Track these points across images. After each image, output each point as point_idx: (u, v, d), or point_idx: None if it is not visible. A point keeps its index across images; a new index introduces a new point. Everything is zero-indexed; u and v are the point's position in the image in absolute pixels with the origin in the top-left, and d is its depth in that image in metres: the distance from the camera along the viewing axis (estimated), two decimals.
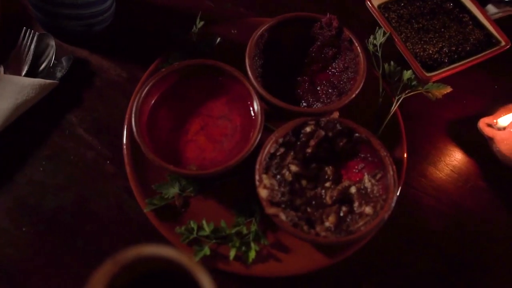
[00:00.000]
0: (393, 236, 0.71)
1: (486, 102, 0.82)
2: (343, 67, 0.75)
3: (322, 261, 0.65)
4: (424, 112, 0.82)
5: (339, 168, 0.70)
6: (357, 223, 0.63)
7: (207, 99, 0.73)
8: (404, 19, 0.85)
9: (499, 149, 0.75)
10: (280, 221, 0.61)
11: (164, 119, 0.70)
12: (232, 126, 0.71)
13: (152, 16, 0.86)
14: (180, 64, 0.70)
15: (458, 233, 0.72)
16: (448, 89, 0.76)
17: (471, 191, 0.75)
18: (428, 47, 0.82)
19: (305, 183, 0.67)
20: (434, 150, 0.78)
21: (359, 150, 0.69)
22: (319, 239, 0.61)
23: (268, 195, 0.62)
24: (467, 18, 0.86)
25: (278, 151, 0.66)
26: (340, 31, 0.75)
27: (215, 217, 0.67)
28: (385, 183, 0.65)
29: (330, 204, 0.65)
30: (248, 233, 0.66)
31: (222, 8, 0.88)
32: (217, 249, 0.65)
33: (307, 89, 0.75)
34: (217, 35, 0.79)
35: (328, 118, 0.68)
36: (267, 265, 0.65)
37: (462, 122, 0.80)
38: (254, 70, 0.70)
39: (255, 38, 0.73)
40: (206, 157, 0.69)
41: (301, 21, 0.76)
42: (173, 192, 0.68)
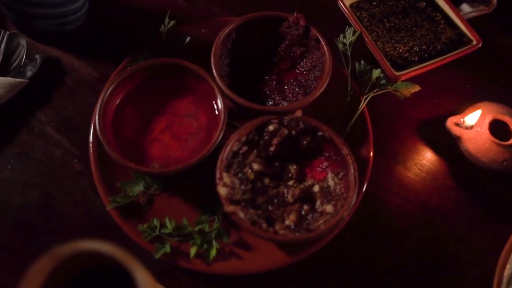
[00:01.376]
0: (358, 234, 0.71)
1: (457, 101, 0.82)
2: (311, 66, 0.75)
3: (284, 259, 0.65)
4: (394, 111, 0.82)
5: (304, 167, 0.70)
6: (317, 221, 0.63)
7: (174, 98, 0.73)
8: (375, 18, 0.85)
9: (466, 148, 0.74)
10: (239, 219, 0.61)
11: (130, 117, 0.71)
12: (197, 125, 0.71)
13: (125, 15, 0.87)
14: (146, 63, 0.71)
15: (424, 232, 0.72)
16: (416, 88, 0.76)
17: (438, 190, 0.75)
18: (398, 46, 0.82)
19: (268, 182, 0.67)
20: (403, 149, 0.78)
21: (324, 149, 0.69)
22: (277, 237, 0.61)
23: (228, 193, 0.63)
24: (439, 17, 0.86)
25: (241, 149, 0.67)
26: (307, 30, 0.75)
27: (180, 215, 0.68)
28: (347, 181, 0.65)
29: (291, 202, 0.66)
30: (211, 231, 0.66)
31: (195, 8, 0.88)
32: (179, 247, 0.66)
33: (274, 88, 0.75)
34: (186, 35, 0.79)
35: (291, 116, 0.68)
36: (228, 263, 0.65)
37: (432, 121, 0.80)
38: (219, 69, 0.71)
39: (221, 38, 0.73)
40: (170, 155, 0.69)
41: (269, 20, 0.76)
42: (137, 190, 0.69)
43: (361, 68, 0.78)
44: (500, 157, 0.72)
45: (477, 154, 0.73)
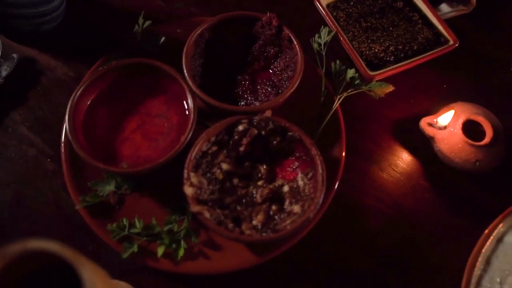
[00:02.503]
0: (330, 235, 0.71)
1: (433, 101, 0.82)
2: (284, 66, 0.75)
3: (252, 260, 0.65)
4: (370, 111, 0.81)
5: (274, 167, 0.70)
6: (284, 222, 0.63)
7: (146, 98, 0.73)
8: (352, 18, 0.85)
9: (439, 149, 0.74)
10: (205, 219, 0.61)
11: (102, 117, 0.71)
12: (168, 125, 0.72)
13: (103, 15, 0.87)
14: (118, 63, 0.71)
15: (397, 233, 0.72)
16: (390, 88, 0.76)
17: (412, 190, 0.75)
18: (374, 46, 0.81)
19: (237, 182, 0.67)
20: (377, 149, 0.78)
21: (294, 149, 0.69)
22: (243, 237, 0.61)
23: (195, 193, 0.63)
24: (416, 17, 0.85)
25: (210, 149, 0.67)
26: (280, 29, 0.75)
27: (150, 214, 0.68)
28: (316, 182, 0.65)
29: (260, 202, 0.65)
30: (179, 231, 0.66)
31: (173, 8, 0.89)
32: (148, 246, 0.66)
33: (247, 88, 0.75)
34: (162, 35, 0.79)
35: (261, 116, 0.68)
36: (196, 263, 0.65)
37: (408, 121, 0.80)
38: (190, 69, 0.71)
39: (193, 38, 0.73)
40: (141, 155, 0.69)
41: (242, 20, 0.76)
42: (108, 189, 0.69)
43: (337, 68, 0.78)
44: (473, 157, 0.72)
45: (450, 154, 0.73)
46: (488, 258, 0.66)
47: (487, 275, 0.65)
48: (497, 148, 0.73)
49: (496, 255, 0.67)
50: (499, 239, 0.68)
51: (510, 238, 0.68)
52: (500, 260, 0.66)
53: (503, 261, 0.66)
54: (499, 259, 0.66)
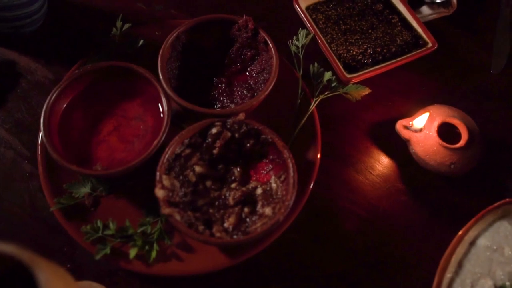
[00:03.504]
0: (304, 236, 0.71)
1: (412, 103, 0.82)
2: (260, 68, 0.76)
3: (225, 262, 0.66)
4: (348, 114, 0.81)
5: (249, 169, 0.70)
6: (255, 224, 0.63)
7: (123, 100, 0.74)
8: (331, 21, 0.85)
9: (415, 151, 0.74)
10: (175, 221, 0.61)
11: (78, 119, 0.72)
12: (144, 127, 0.72)
13: (84, 18, 0.88)
14: (93, 66, 0.72)
15: (371, 235, 0.72)
16: (367, 90, 0.76)
17: (388, 193, 0.75)
18: (352, 48, 0.81)
19: (210, 184, 0.68)
20: (354, 152, 0.78)
21: (268, 152, 0.69)
22: (212, 239, 0.61)
23: (166, 196, 0.63)
24: (396, 19, 0.85)
25: (184, 152, 0.67)
26: (256, 32, 0.75)
27: (125, 216, 0.68)
28: (288, 184, 0.65)
29: (232, 205, 0.66)
30: (153, 233, 0.67)
31: (154, 10, 0.89)
32: (122, 248, 0.66)
33: (223, 91, 0.75)
34: (140, 37, 0.80)
35: (234, 119, 0.68)
36: (168, 264, 0.66)
37: (385, 123, 0.80)
38: (166, 72, 0.71)
39: (170, 41, 0.73)
40: (116, 157, 0.70)
41: (219, 22, 0.76)
42: (84, 191, 0.69)
43: (315, 70, 0.78)
44: (448, 160, 0.72)
45: (425, 157, 0.73)
46: (460, 261, 0.66)
47: (459, 278, 0.65)
48: (472, 150, 0.73)
49: (468, 258, 0.67)
50: (471, 242, 0.68)
51: (482, 241, 0.68)
52: (472, 263, 0.66)
53: (475, 264, 0.66)
54: (471, 262, 0.66)
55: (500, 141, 0.80)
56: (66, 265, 0.67)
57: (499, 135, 0.80)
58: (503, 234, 0.68)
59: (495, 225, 0.69)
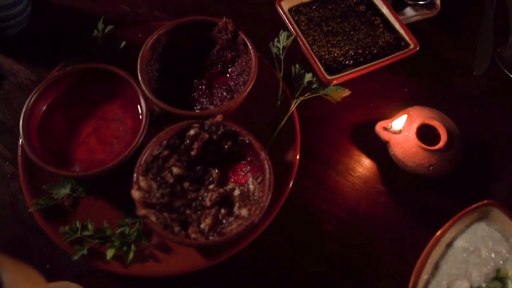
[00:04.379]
0: (283, 238, 0.71)
1: (393, 105, 0.82)
2: (240, 70, 0.76)
3: (202, 263, 0.66)
4: (330, 116, 0.82)
5: (227, 171, 0.71)
6: (231, 225, 0.64)
7: (103, 102, 0.74)
8: (313, 22, 0.85)
9: (394, 153, 0.74)
10: (151, 222, 0.62)
11: (59, 121, 0.72)
12: (124, 129, 0.72)
13: (68, 20, 0.88)
14: (73, 68, 0.72)
15: (349, 236, 0.72)
16: (346, 92, 0.76)
17: (368, 194, 0.75)
18: (334, 50, 0.82)
19: (188, 185, 0.68)
20: (335, 154, 0.78)
21: (246, 153, 0.70)
22: (187, 240, 0.61)
23: (142, 197, 0.64)
24: (378, 21, 0.86)
25: (162, 153, 0.67)
26: (236, 34, 0.75)
27: (105, 217, 0.69)
28: (264, 186, 0.65)
29: (209, 206, 0.66)
30: (131, 234, 0.67)
31: (138, 12, 0.89)
32: (100, 249, 0.67)
33: (203, 92, 0.76)
34: (123, 39, 0.80)
35: (212, 121, 0.68)
36: (145, 265, 0.66)
37: (366, 125, 0.80)
38: (145, 74, 0.72)
39: (149, 43, 0.74)
40: (95, 158, 0.70)
41: (199, 24, 0.77)
42: (63, 192, 0.70)
43: (296, 72, 0.78)
44: (427, 162, 0.72)
45: (404, 159, 0.73)
46: (436, 262, 0.66)
47: (435, 280, 0.65)
48: (452, 152, 0.73)
49: (445, 259, 0.67)
50: (449, 244, 0.68)
51: (460, 243, 0.68)
52: (448, 265, 0.66)
53: (452, 265, 0.66)
54: (447, 264, 0.66)
55: (480, 143, 0.80)
56: (45, 265, 0.68)
57: (479, 137, 0.80)
58: (480, 235, 0.68)
59: (473, 226, 0.69)
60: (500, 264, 0.67)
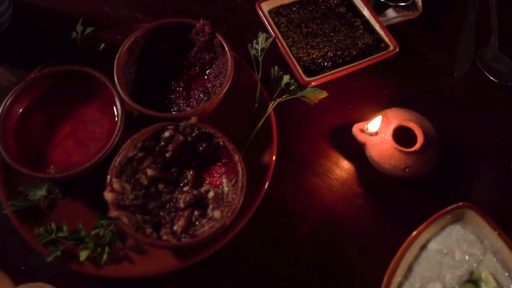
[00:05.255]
0: (258, 239, 0.71)
1: (372, 106, 0.81)
2: (217, 72, 0.76)
3: (175, 264, 0.66)
4: (309, 117, 0.82)
5: (202, 172, 0.71)
6: (203, 227, 0.64)
7: (81, 104, 0.75)
8: (293, 24, 0.85)
9: (370, 155, 0.74)
10: (123, 224, 0.62)
11: (36, 123, 0.73)
12: (100, 131, 0.73)
13: (50, 22, 0.89)
14: (50, 70, 0.73)
15: (324, 238, 0.72)
16: (324, 94, 0.77)
17: (344, 196, 0.75)
18: (313, 51, 0.82)
19: (162, 187, 0.68)
20: (313, 155, 0.78)
21: (221, 155, 0.70)
22: (158, 242, 0.62)
23: (115, 199, 0.64)
24: (358, 22, 0.86)
25: (137, 155, 0.68)
26: (213, 36, 0.76)
27: (81, 219, 0.69)
28: (237, 188, 0.65)
29: (183, 208, 0.66)
30: (105, 235, 0.67)
31: (119, 14, 0.90)
32: (75, 250, 0.67)
33: (180, 94, 0.76)
34: (102, 41, 0.81)
35: (186, 123, 0.69)
36: (119, 267, 0.66)
37: (345, 127, 0.80)
38: (122, 76, 0.72)
39: (127, 45, 0.74)
40: (71, 160, 0.71)
41: (177, 26, 0.77)
42: (40, 194, 0.70)
43: (275, 74, 0.79)
44: (403, 164, 0.72)
45: (380, 160, 0.73)
46: (410, 264, 0.66)
47: (408, 282, 0.65)
48: (428, 154, 0.73)
49: (418, 262, 0.67)
50: (423, 246, 0.68)
51: (434, 245, 0.68)
52: (422, 267, 0.66)
53: (425, 268, 0.66)
54: (421, 266, 0.66)
55: (458, 145, 0.80)
56: (20, 266, 0.68)
57: (457, 139, 0.80)
58: (455, 238, 0.68)
59: (448, 229, 0.69)
60: (474, 267, 0.67)
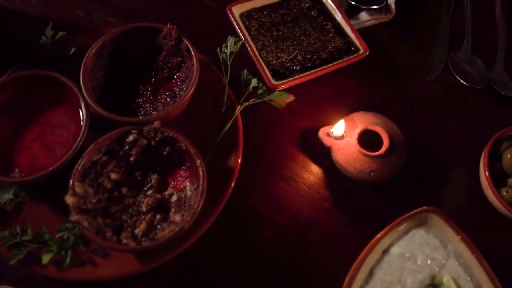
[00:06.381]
0: (223, 243, 0.71)
1: (343, 110, 0.81)
2: (185, 76, 0.76)
3: (139, 267, 0.67)
4: (278, 121, 0.82)
5: (167, 176, 0.71)
6: (164, 231, 0.64)
7: (49, 108, 0.75)
8: (264, 27, 0.85)
9: (336, 159, 0.74)
10: (83, 228, 0.62)
11: (3, 127, 0.73)
12: (67, 134, 0.73)
13: (22, 25, 0.89)
14: (17, 75, 0.73)
15: (290, 242, 0.72)
16: (291, 97, 0.77)
17: (311, 200, 0.75)
18: (282, 55, 0.82)
19: (126, 191, 0.69)
20: (280, 159, 0.79)
21: (185, 159, 0.70)
22: (118, 246, 0.62)
23: (76, 202, 0.64)
24: (329, 25, 0.86)
25: (101, 159, 0.68)
26: (179, 40, 0.76)
27: (47, 222, 0.70)
28: (198, 192, 0.66)
29: (145, 211, 0.67)
30: (69, 238, 0.68)
31: (92, 18, 0.90)
32: (38, 254, 0.68)
33: (147, 98, 0.76)
34: (72, 45, 0.81)
35: (150, 127, 0.69)
36: (82, 270, 0.67)
37: (313, 130, 0.79)
38: (87, 80, 0.73)
39: (94, 49, 0.75)
40: (37, 164, 0.71)
41: (144, 31, 0.77)
42: (6, 197, 0.71)
43: (244, 77, 0.79)
44: (367, 168, 0.72)
45: (345, 164, 0.73)
46: (371, 269, 0.66)
47: (368, 286, 0.65)
48: (394, 158, 0.73)
49: (380, 266, 0.67)
50: (385, 250, 0.68)
51: (396, 249, 0.68)
52: (383, 272, 0.66)
53: (387, 272, 0.66)
54: (382, 271, 0.66)
55: (426, 149, 0.79)
56: None
57: (426, 143, 0.80)
58: (418, 242, 0.68)
59: (411, 233, 0.69)
60: (436, 271, 0.66)
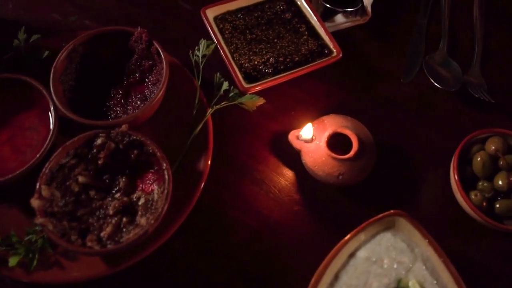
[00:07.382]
0: (190, 246, 0.72)
1: (315, 113, 0.81)
2: (155, 79, 0.77)
3: (105, 269, 0.67)
4: (250, 124, 0.82)
5: (135, 179, 0.71)
6: (129, 234, 0.65)
7: (20, 111, 0.76)
8: (238, 30, 0.85)
9: (305, 162, 0.74)
10: (48, 231, 0.63)
11: None
12: (37, 137, 0.74)
13: None
14: None
15: (258, 245, 0.72)
16: (261, 101, 0.77)
17: (281, 203, 0.75)
18: (255, 58, 0.82)
19: (93, 194, 0.69)
20: (251, 162, 0.79)
21: (153, 163, 0.70)
22: (82, 249, 0.62)
23: (42, 205, 0.65)
24: (304, 28, 0.85)
25: (69, 162, 0.69)
26: (150, 44, 0.76)
27: (17, 224, 0.70)
28: (163, 195, 0.66)
29: (111, 214, 0.67)
30: (36, 241, 0.68)
31: (68, 21, 0.91)
32: (6, 256, 0.68)
33: (118, 102, 0.77)
34: (46, 49, 0.82)
35: (118, 130, 0.69)
36: (50, 272, 0.67)
37: (285, 133, 0.79)
38: (57, 83, 0.73)
39: (65, 53, 0.75)
40: (7, 167, 0.71)
41: (116, 34, 0.78)
42: None
43: (217, 80, 0.79)
44: (336, 171, 0.72)
45: (314, 167, 0.73)
46: (337, 273, 0.66)
47: None
48: (363, 161, 0.73)
49: (346, 270, 0.67)
50: (351, 254, 0.68)
51: (362, 253, 0.68)
52: (349, 275, 0.66)
53: (352, 276, 0.66)
54: (348, 274, 0.66)
55: (398, 152, 0.79)
56: None
57: (397, 146, 0.80)
58: (384, 245, 0.68)
59: (378, 236, 0.69)
60: (403, 275, 0.66)
